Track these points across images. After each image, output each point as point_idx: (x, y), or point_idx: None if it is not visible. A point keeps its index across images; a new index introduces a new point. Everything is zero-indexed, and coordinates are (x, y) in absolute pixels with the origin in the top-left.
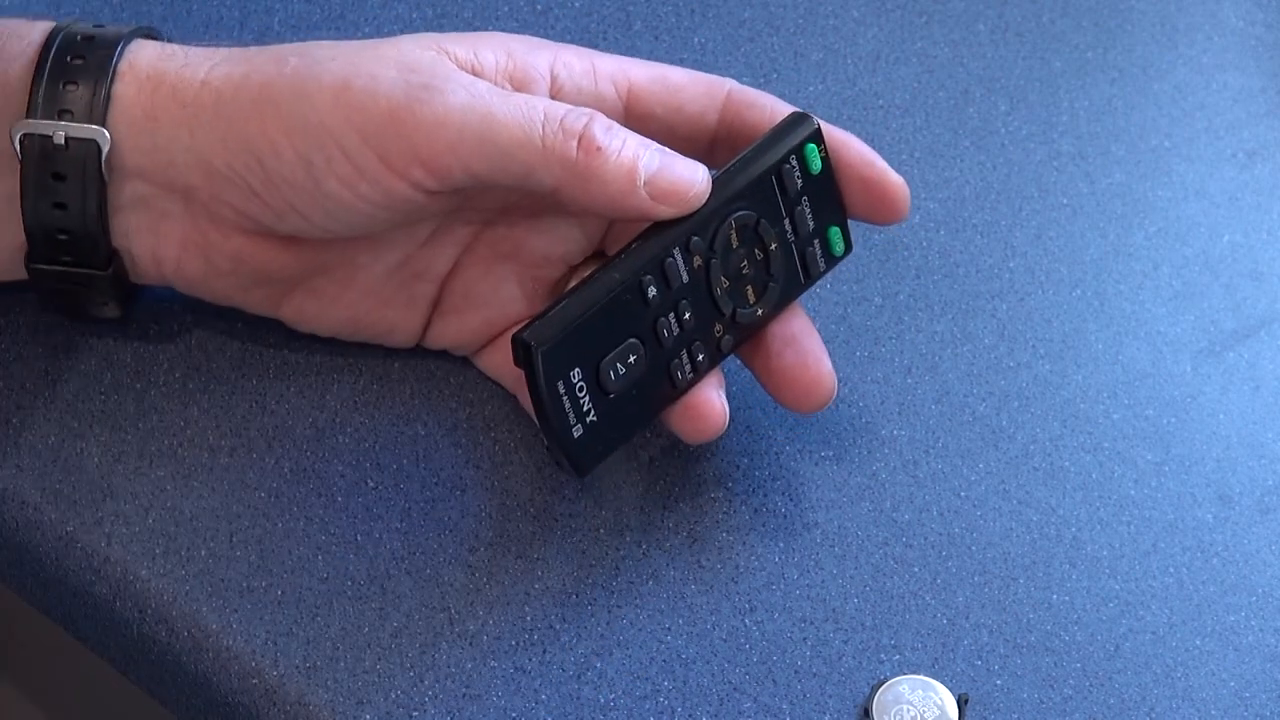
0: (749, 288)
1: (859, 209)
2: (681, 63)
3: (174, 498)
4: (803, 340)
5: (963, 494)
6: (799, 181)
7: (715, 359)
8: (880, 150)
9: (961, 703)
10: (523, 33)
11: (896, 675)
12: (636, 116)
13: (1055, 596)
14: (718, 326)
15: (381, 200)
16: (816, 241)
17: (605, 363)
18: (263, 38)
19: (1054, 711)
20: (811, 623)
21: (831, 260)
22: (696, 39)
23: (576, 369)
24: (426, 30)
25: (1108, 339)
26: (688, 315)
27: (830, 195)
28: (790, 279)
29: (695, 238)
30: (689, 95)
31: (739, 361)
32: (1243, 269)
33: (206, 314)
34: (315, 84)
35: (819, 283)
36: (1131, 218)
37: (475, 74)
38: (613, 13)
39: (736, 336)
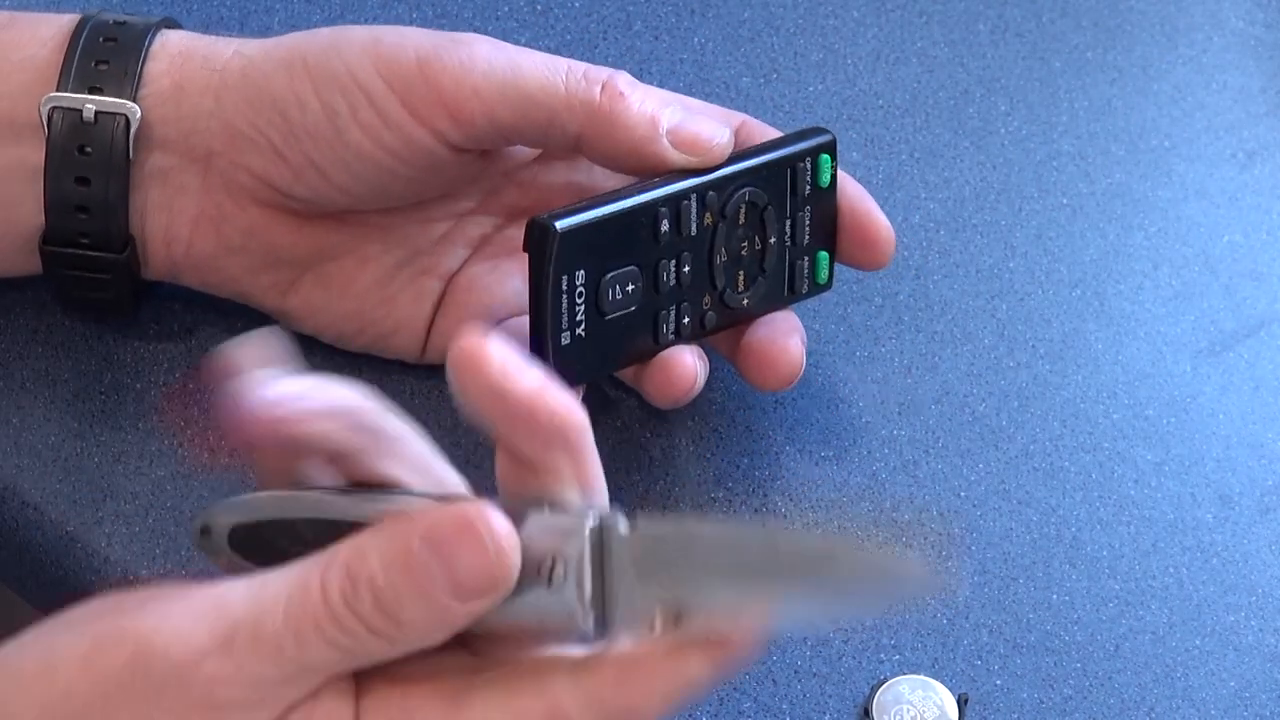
0: (741, 273)
1: (844, 247)
2: (681, 63)
3: (174, 498)
4: (779, 321)
5: (963, 494)
6: (808, 187)
7: (696, 331)
8: (880, 150)
9: (961, 703)
10: (522, 33)
11: (896, 675)
12: None
13: (1055, 596)
14: (707, 298)
15: (404, 151)
16: (806, 260)
17: (606, 280)
18: (263, 38)
19: (1054, 711)
20: None
21: (814, 286)
22: (696, 39)
23: (582, 270)
24: None
25: (1108, 339)
26: (687, 270)
27: (828, 218)
28: (776, 284)
29: (712, 193)
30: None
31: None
32: (1243, 269)
33: (207, 314)
34: (345, 40)
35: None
36: (1131, 218)
37: None
38: (613, 13)
39: (719, 317)
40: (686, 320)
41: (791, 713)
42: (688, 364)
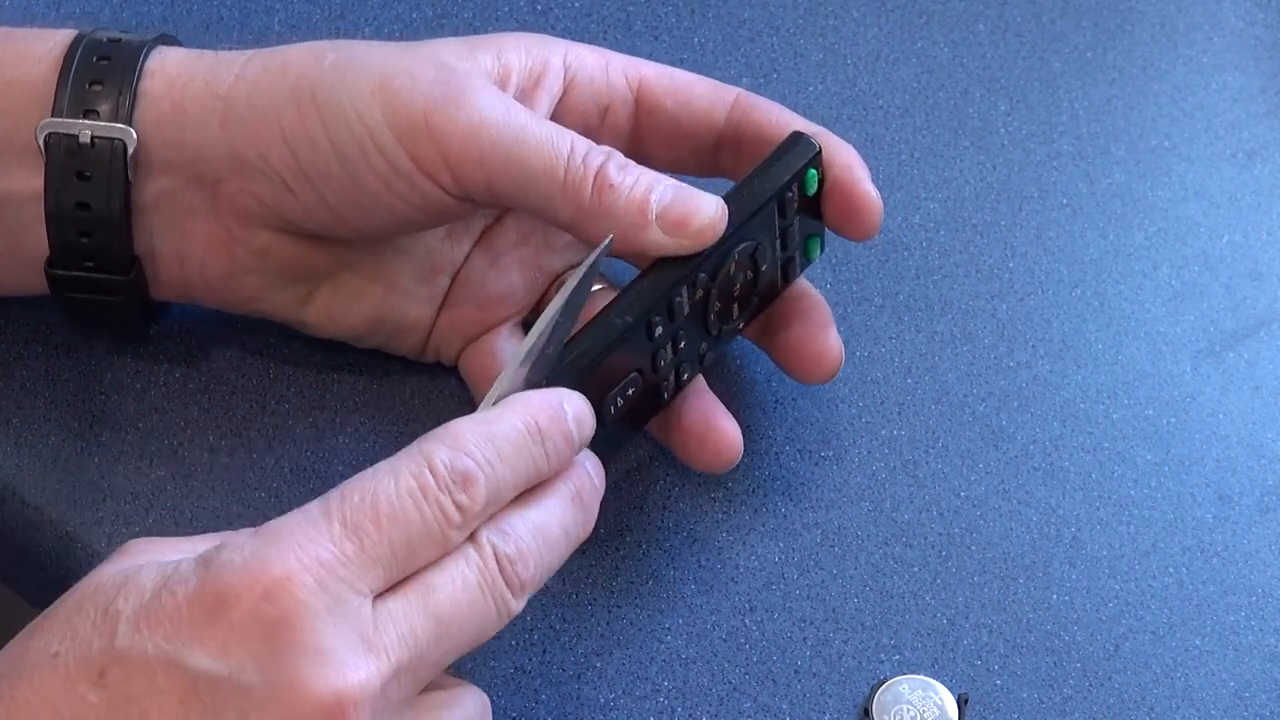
0: (735, 305)
1: (832, 218)
2: (681, 63)
3: (174, 498)
4: (811, 312)
5: (963, 494)
6: (795, 204)
7: (696, 373)
8: (880, 150)
9: (961, 703)
10: (523, 33)
11: (896, 675)
12: (646, 108)
13: (1055, 596)
14: (704, 345)
15: (413, 197)
16: (797, 254)
17: (608, 399)
18: (263, 38)
19: (1054, 711)
20: (811, 623)
21: (806, 265)
22: (696, 39)
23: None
24: (427, 31)
25: (1108, 339)
26: (683, 344)
27: (816, 208)
28: (769, 289)
29: (703, 274)
30: (698, 92)
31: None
32: (1243, 269)
33: (207, 314)
34: (354, 78)
35: (818, 283)
36: (1131, 218)
37: (504, 79)
38: (613, 13)
39: (718, 350)
40: (686, 376)
41: (791, 713)
42: (731, 434)
